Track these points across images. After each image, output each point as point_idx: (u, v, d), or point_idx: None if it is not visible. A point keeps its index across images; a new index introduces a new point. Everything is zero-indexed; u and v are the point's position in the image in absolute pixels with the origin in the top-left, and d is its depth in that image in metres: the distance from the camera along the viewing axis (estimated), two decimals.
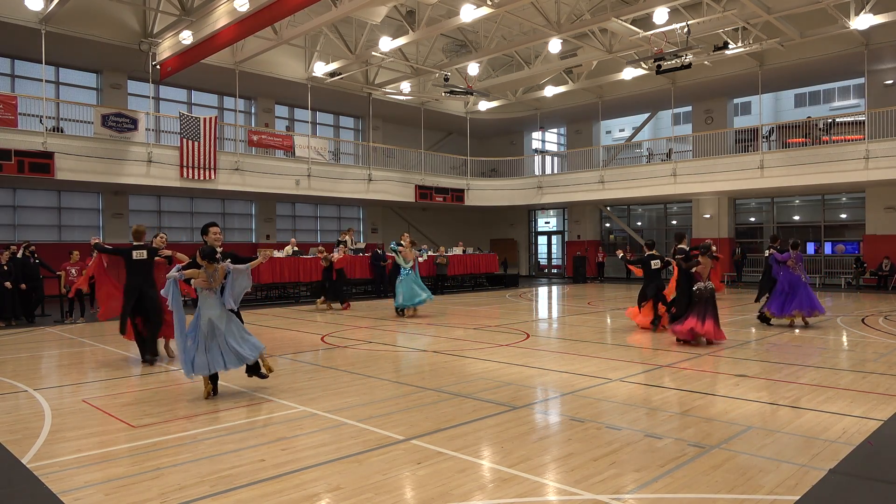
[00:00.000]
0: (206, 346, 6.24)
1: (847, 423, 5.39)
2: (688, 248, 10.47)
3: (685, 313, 9.70)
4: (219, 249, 6.66)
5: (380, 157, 25.39)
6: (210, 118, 19.47)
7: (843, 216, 24.36)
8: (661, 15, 16.34)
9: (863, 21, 16.52)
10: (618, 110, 28.26)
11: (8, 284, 13.27)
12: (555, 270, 31.94)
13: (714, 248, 10.12)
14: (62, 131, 18.10)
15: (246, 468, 4.43)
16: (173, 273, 6.38)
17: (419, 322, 13.32)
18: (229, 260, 6.65)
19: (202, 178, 19.19)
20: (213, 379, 6.55)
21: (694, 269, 9.72)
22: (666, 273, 11.93)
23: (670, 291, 11.18)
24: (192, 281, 6.35)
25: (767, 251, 12.32)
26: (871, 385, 6.82)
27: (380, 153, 25.50)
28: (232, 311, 6.57)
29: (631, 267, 12.47)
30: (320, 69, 21.63)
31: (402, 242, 14.69)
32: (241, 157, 20.45)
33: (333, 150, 25.00)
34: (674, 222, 28.12)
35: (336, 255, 16.07)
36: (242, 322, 6.78)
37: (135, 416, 5.83)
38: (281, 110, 25.23)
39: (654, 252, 11.63)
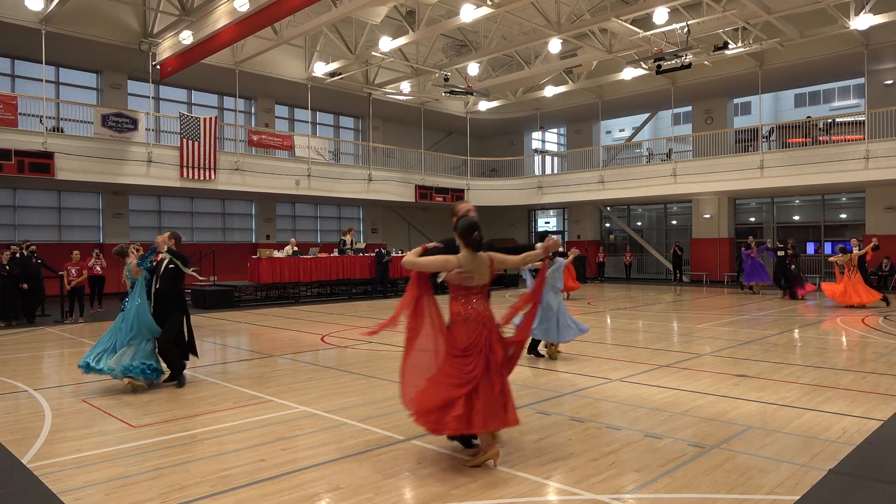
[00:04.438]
0: (547, 320, 8.35)
1: (847, 423, 5.39)
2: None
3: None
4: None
5: (380, 157, 25.38)
6: (210, 118, 19.47)
7: (843, 216, 24.35)
8: (661, 15, 16.32)
9: (863, 21, 16.51)
10: (618, 110, 28.22)
11: (25, 286, 13.45)
12: None
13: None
14: (62, 131, 18.10)
15: (246, 468, 4.44)
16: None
17: None
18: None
19: (202, 178, 19.18)
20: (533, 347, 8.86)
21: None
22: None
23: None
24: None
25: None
26: (871, 385, 6.82)
27: (380, 153, 25.48)
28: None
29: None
30: (320, 69, 21.61)
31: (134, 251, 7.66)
32: (241, 157, 20.45)
33: (333, 150, 24.99)
34: (674, 222, 28.11)
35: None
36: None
37: (135, 416, 5.83)
38: (281, 110, 25.22)
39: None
